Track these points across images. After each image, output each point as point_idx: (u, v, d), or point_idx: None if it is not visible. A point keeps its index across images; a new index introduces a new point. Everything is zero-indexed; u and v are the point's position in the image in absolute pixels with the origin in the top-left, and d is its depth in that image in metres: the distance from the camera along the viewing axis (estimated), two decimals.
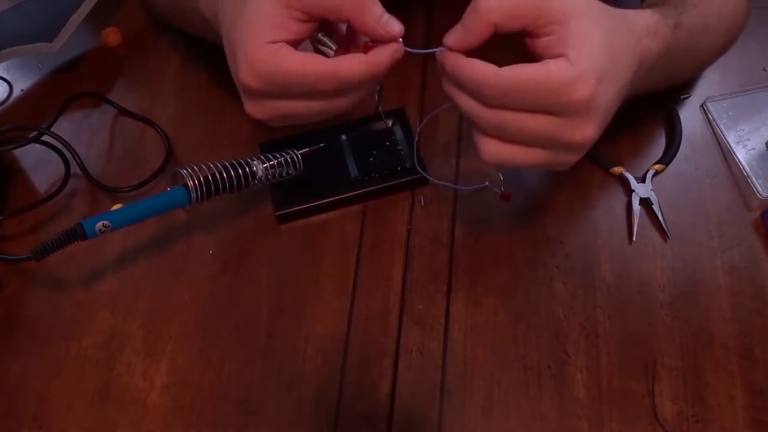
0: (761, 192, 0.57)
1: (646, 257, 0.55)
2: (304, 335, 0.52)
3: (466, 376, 0.50)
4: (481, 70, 0.38)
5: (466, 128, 0.62)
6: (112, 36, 0.68)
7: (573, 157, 0.40)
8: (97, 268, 0.56)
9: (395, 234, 0.57)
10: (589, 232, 0.56)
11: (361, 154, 0.59)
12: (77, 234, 0.49)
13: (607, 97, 0.38)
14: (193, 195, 0.51)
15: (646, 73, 0.44)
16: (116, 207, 0.52)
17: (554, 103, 0.37)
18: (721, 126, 0.61)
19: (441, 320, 0.53)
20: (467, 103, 0.39)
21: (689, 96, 0.63)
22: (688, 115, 0.62)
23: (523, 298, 0.53)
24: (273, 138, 0.60)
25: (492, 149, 0.40)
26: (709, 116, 0.61)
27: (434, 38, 0.67)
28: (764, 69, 0.64)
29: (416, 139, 0.57)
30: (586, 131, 0.38)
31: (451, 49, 0.40)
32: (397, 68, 0.63)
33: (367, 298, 0.54)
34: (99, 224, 0.49)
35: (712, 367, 0.50)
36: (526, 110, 0.37)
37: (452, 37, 0.40)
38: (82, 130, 0.63)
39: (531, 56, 0.40)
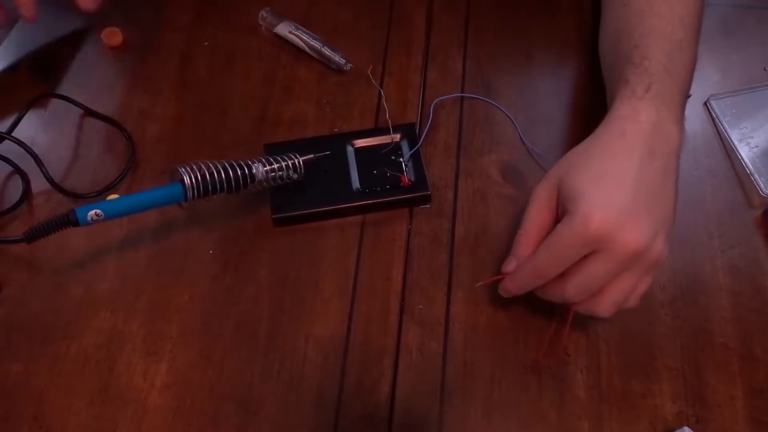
0: (764, 189, 0.57)
1: None
2: (304, 335, 0.52)
3: (466, 376, 0.50)
4: (528, 264, 0.46)
5: (466, 128, 0.62)
6: (112, 36, 0.68)
7: (650, 257, 0.43)
8: (97, 268, 0.56)
9: (395, 234, 0.57)
10: None
11: (365, 167, 0.58)
12: (69, 220, 0.49)
13: (621, 205, 0.42)
14: (190, 193, 0.51)
15: (665, 127, 0.46)
16: (112, 197, 0.51)
17: (586, 245, 0.42)
18: (725, 123, 0.61)
19: (441, 320, 0.53)
20: (554, 295, 0.46)
21: (689, 96, 0.63)
22: (689, 116, 0.62)
23: (523, 298, 0.53)
24: (278, 140, 0.60)
25: (605, 305, 0.45)
26: (713, 114, 0.61)
27: (434, 39, 0.68)
28: (764, 69, 0.64)
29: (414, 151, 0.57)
30: (629, 242, 0.41)
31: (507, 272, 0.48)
32: (398, 83, 0.62)
33: (367, 298, 0.54)
34: (92, 213, 0.49)
35: (712, 367, 0.50)
36: (579, 264, 0.43)
37: (508, 265, 0.48)
38: (46, 132, 0.62)
39: None
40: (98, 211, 0.49)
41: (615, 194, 0.42)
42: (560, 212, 0.46)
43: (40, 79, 0.67)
